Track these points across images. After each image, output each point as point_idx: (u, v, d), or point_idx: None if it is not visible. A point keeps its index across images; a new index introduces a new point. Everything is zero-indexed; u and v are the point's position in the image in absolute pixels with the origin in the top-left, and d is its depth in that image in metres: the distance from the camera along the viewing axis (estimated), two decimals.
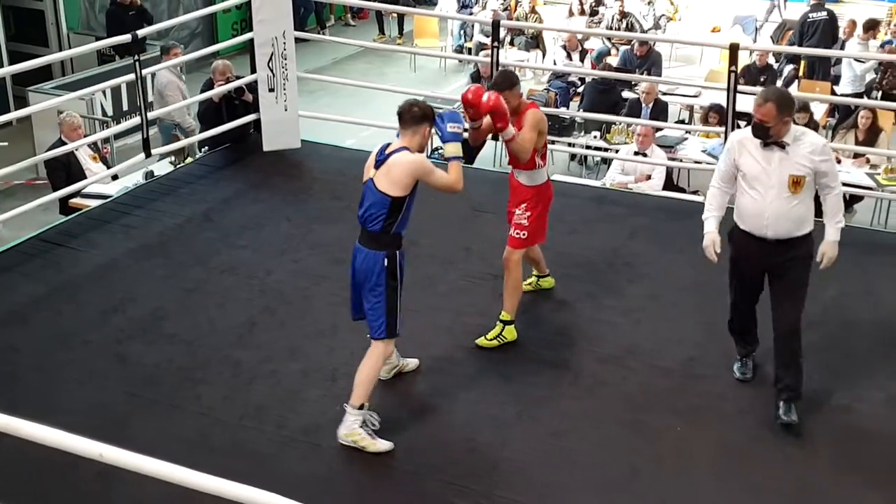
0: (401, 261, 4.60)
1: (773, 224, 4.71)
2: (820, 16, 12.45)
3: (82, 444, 2.47)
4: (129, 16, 11.83)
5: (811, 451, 4.68)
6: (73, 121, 7.88)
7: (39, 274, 6.17)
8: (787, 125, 4.62)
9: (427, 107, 4.66)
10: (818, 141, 4.73)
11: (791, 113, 4.65)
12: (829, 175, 4.72)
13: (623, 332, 5.65)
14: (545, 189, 5.52)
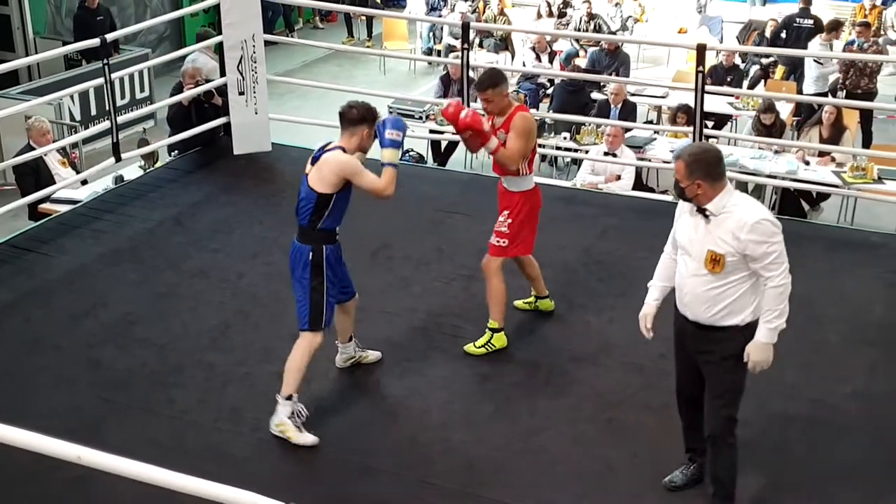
0: (329, 256, 4.69)
1: (690, 303, 4.08)
2: (806, 22, 12.55)
3: (60, 446, 2.46)
4: (96, 21, 11.76)
5: (783, 445, 4.74)
6: (42, 126, 7.83)
7: (10, 280, 6.12)
8: (710, 190, 3.87)
9: (366, 109, 4.71)
10: (749, 217, 3.85)
11: (709, 177, 3.86)
12: (761, 261, 3.88)
13: (595, 330, 5.70)
14: (531, 196, 5.34)
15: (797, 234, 7.06)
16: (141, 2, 14.32)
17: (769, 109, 9.48)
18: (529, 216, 5.36)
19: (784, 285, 3.93)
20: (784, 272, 3.91)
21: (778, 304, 3.95)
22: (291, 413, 4.67)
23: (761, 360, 4.04)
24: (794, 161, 9.02)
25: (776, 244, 3.90)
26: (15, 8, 12.53)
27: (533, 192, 5.36)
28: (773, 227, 3.89)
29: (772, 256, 3.89)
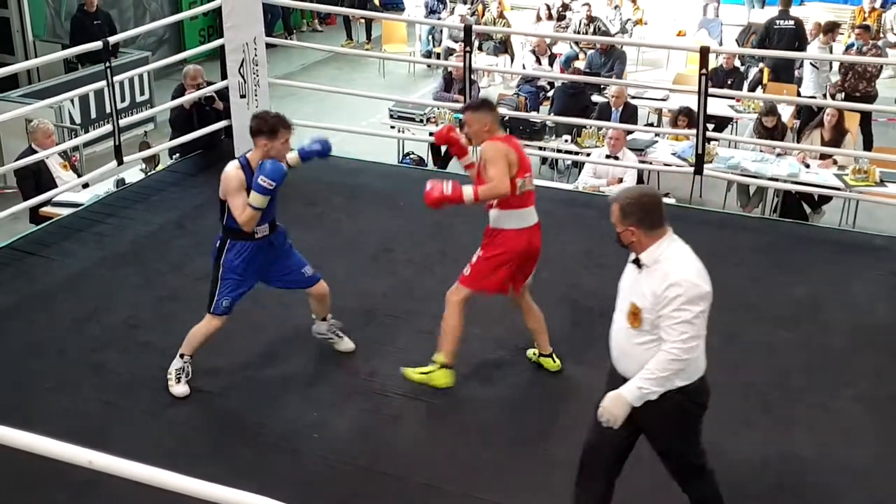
0: (232, 249, 4.93)
1: (617, 358, 3.82)
2: (787, 24, 12.56)
3: (71, 451, 2.45)
4: (93, 24, 11.74)
5: (788, 449, 4.72)
6: (46, 128, 7.81)
7: (11, 284, 6.11)
8: (644, 238, 3.61)
9: (264, 122, 4.80)
10: (674, 274, 3.50)
11: (643, 223, 3.58)
12: (666, 321, 3.51)
13: (600, 333, 5.64)
14: (515, 238, 4.88)
15: (801, 237, 7.14)
16: (140, 4, 14.31)
17: (771, 112, 9.47)
18: (502, 259, 4.89)
19: (677, 357, 3.51)
20: (684, 343, 3.50)
21: (661, 369, 3.55)
22: (181, 367, 5.05)
23: (611, 413, 3.65)
24: (795, 164, 9.02)
25: (689, 311, 3.49)
26: (14, 11, 12.51)
27: (509, 234, 4.88)
28: (695, 291, 3.50)
29: (677, 320, 3.50)
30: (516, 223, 4.87)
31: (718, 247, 6.77)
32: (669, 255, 3.59)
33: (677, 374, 3.56)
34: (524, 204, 4.89)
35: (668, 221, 3.62)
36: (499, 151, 4.77)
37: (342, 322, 5.49)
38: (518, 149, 4.89)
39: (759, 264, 6.57)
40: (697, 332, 3.53)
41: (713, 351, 5.37)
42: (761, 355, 5.48)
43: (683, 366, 3.54)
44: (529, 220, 4.93)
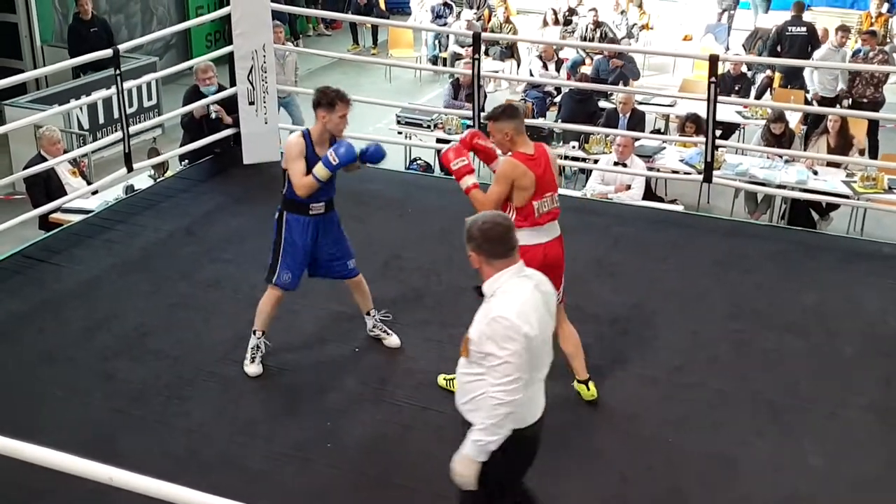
0: (290, 223, 5.13)
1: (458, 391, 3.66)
2: (799, 30, 12.57)
3: (92, 467, 2.46)
4: (90, 32, 11.71)
5: (800, 458, 4.72)
6: (53, 135, 7.82)
7: (22, 291, 6.13)
8: (486, 267, 3.47)
9: (324, 95, 4.96)
10: (496, 310, 3.34)
11: (484, 251, 3.43)
12: (487, 361, 3.35)
13: (609, 341, 5.69)
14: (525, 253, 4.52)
15: (810, 245, 7.13)
16: (147, 10, 14.34)
17: (779, 119, 9.47)
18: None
19: (501, 401, 3.32)
20: (503, 386, 3.31)
21: (489, 416, 3.37)
22: (255, 345, 5.26)
23: (461, 475, 3.49)
24: (804, 170, 9.02)
25: (505, 351, 3.30)
26: (22, 16, 12.54)
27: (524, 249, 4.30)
28: (511, 333, 3.31)
29: (496, 361, 3.32)
30: (528, 240, 4.66)
31: (727, 255, 6.80)
32: (506, 289, 3.43)
33: (507, 418, 3.37)
34: (539, 223, 4.75)
35: (515, 253, 3.48)
36: (508, 173, 4.65)
37: (353, 331, 5.51)
38: (540, 168, 4.68)
39: (768, 272, 6.58)
40: (519, 373, 3.33)
41: (722, 360, 5.48)
42: (770, 364, 5.48)
43: (511, 409, 3.36)
44: (545, 237, 4.79)
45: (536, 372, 3.48)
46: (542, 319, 3.44)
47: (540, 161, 4.72)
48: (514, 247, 3.47)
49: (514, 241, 3.48)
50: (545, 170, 4.73)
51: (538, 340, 3.40)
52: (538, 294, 3.47)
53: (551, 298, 3.60)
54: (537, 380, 3.52)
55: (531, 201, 4.68)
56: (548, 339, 3.52)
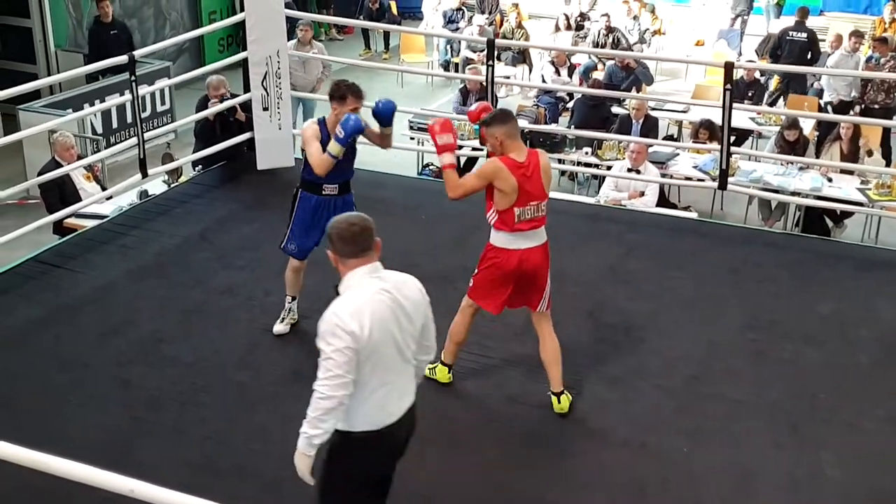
0: (303, 197, 5.53)
1: None
2: (800, 35, 12.60)
3: (113, 479, 2.45)
4: (110, 35, 11.77)
5: (817, 471, 4.69)
6: (67, 140, 7.84)
7: (38, 296, 6.13)
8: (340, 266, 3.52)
9: (337, 88, 5.30)
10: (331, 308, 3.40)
11: (337, 250, 3.49)
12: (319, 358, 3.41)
13: (625, 350, 5.67)
14: (498, 254, 4.87)
15: (825, 253, 7.11)
16: (160, 14, 14.37)
17: (793, 126, 9.44)
18: (494, 274, 4.91)
19: (323, 395, 3.37)
20: (326, 383, 3.36)
21: (312, 409, 3.42)
22: (287, 308, 5.77)
23: (298, 469, 3.58)
24: (818, 178, 8.99)
25: (330, 347, 3.36)
26: (37, 21, 12.57)
27: (500, 251, 4.86)
28: (336, 330, 3.35)
29: (323, 356, 3.37)
30: (505, 243, 4.84)
31: (742, 263, 6.77)
32: (347, 286, 3.49)
33: (330, 413, 3.40)
34: (519, 229, 4.79)
35: (368, 254, 3.49)
36: (488, 173, 4.73)
37: None
38: (526, 175, 4.72)
39: (784, 281, 6.55)
40: (342, 371, 3.35)
41: (739, 370, 5.45)
42: (788, 374, 5.45)
43: (333, 405, 3.38)
44: (523, 244, 4.83)
45: (384, 375, 3.48)
46: (383, 322, 3.43)
47: (528, 168, 4.75)
48: (367, 248, 3.50)
49: (368, 243, 3.50)
50: (532, 178, 4.75)
51: (374, 343, 3.39)
52: (385, 297, 3.47)
53: (412, 305, 3.56)
54: (386, 383, 3.51)
55: (513, 207, 4.74)
56: (396, 343, 3.49)
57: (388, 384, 3.51)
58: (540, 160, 4.83)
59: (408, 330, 3.53)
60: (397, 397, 3.58)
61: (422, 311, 3.62)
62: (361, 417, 3.50)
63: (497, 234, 4.87)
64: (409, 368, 3.62)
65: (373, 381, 3.45)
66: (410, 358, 3.60)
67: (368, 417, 3.51)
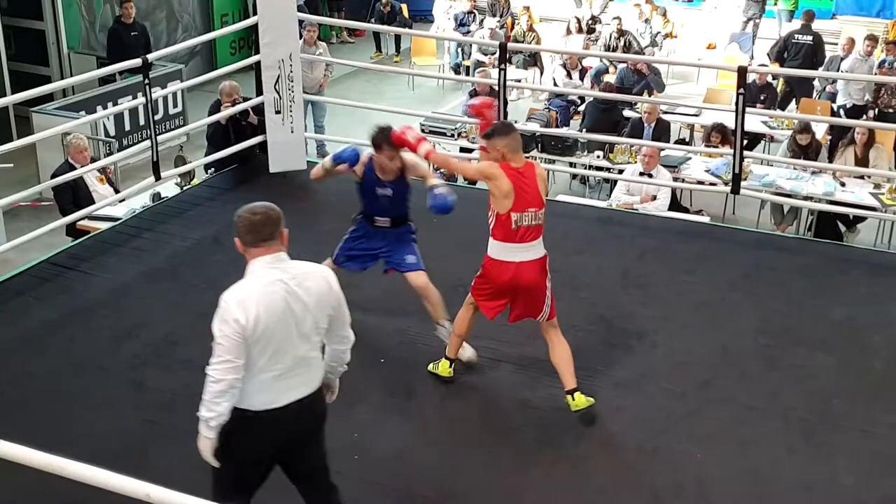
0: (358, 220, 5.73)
1: None
2: (805, 39, 12.62)
3: (129, 483, 2.46)
4: (130, 36, 11.85)
5: (831, 476, 4.68)
6: (80, 143, 7.87)
7: (52, 299, 6.15)
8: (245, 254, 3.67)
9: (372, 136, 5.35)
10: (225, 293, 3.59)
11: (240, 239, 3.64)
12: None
13: (638, 355, 5.66)
14: (489, 264, 4.93)
15: (838, 258, 7.09)
16: (173, 17, 14.41)
17: (805, 130, 9.42)
18: (488, 285, 4.97)
19: (212, 378, 3.52)
20: (217, 367, 3.52)
21: (205, 391, 3.56)
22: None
23: (200, 449, 3.69)
24: (831, 182, 8.97)
25: (219, 333, 3.51)
26: (50, 23, 12.62)
27: (494, 263, 4.89)
28: (226, 315, 3.50)
29: (214, 340, 3.53)
30: (500, 254, 4.86)
31: (755, 268, 6.75)
32: (249, 273, 3.62)
33: (222, 396, 3.53)
34: (515, 239, 4.80)
35: (271, 244, 3.60)
36: (485, 167, 4.85)
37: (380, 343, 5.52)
38: (523, 181, 4.76)
39: (796, 286, 6.53)
40: (230, 356, 3.49)
41: (752, 375, 5.44)
42: (800, 380, 5.44)
43: (224, 388, 3.51)
44: (519, 256, 4.83)
45: (274, 361, 3.56)
46: (273, 312, 3.51)
47: (525, 174, 4.81)
48: (267, 238, 3.58)
49: (269, 233, 3.59)
50: (529, 184, 4.80)
51: (262, 331, 3.49)
52: (279, 288, 3.55)
53: (314, 296, 3.62)
54: (276, 369, 3.58)
55: (510, 212, 4.76)
56: (289, 333, 3.57)
57: (278, 371, 3.59)
58: (536, 170, 4.90)
59: (306, 320, 3.60)
60: (289, 385, 3.65)
61: (328, 303, 3.68)
62: (248, 398, 3.60)
63: (493, 245, 4.89)
64: (312, 359, 3.70)
65: (262, 365, 3.55)
66: (311, 349, 3.67)
67: (255, 399, 3.60)
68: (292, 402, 3.65)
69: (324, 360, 3.83)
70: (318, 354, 3.74)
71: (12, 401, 5.16)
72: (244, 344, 3.48)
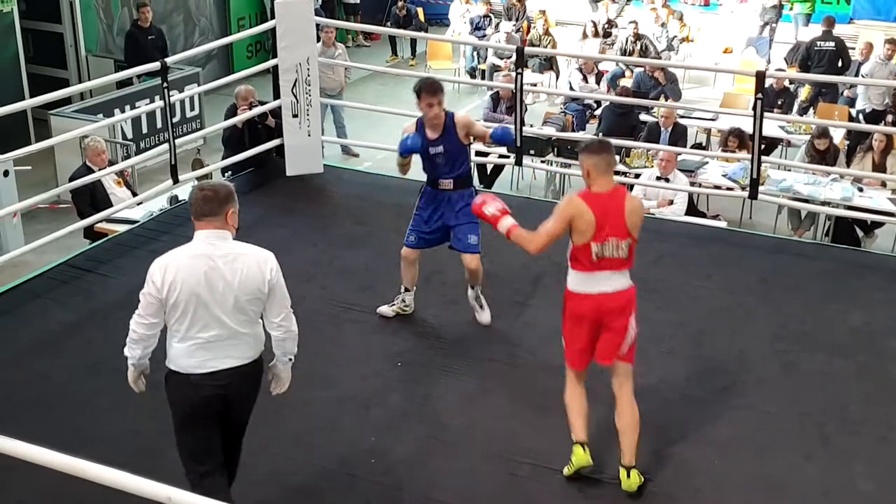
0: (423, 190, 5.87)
1: None
2: (828, 45, 12.57)
3: (150, 486, 2.47)
4: (147, 39, 11.91)
5: (849, 483, 4.66)
6: (98, 146, 7.90)
7: (70, 301, 6.18)
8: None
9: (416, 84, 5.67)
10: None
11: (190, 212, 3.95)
12: None
13: (654, 360, 5.64)
14: (570, 300, 4.53)
15: (856, 263, 7.06)
16: (190, 20, 14.47)
17: (823, 135, 9.38)
18: (568, 321, 4.56)
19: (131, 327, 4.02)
20: (134, 319, 3.98)
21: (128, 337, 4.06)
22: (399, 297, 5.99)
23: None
24: (849, 187, 8.93)
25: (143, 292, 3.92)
26: (68, 26, 12.69)
27: (572, 296, 4.50)
28: (148, 276, 3.90)
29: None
30: (580, 286, 4.47)
31: (772, 273, 6.73)
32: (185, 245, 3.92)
33: (136, 343, 4.02)
34: (597, 268, 4.42)
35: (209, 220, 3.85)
36: (563, 210, 4.42)
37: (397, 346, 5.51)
38: (604, 210, 4.36)
39: (814, 291, 6.51)
40: (144, 312, 3.92)
41: (769, 381, 5.42)
42: (818, 386, 5.42)
43: (136, 338, 3.99)
44: (600, 287, 4.44)
45: (192, 330, 3.87)
46: (189, 283, 3.80)
47: (610, 202, 4.42)
48: (206, 214, 3.87)
49: (208, 209, 3.86)
50: (613, 213, 4.40)
51: (177, 299, 3.81)
52: (201, 262, 3.83)
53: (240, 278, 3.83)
54: (195, 338, 3.88)
55: (590, 241, 4.38)
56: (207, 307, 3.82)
57: (197, 340, 3.88)
58: (627, 199, 4.49)
59: (227, 298, 3.83)
60: (215, 355, 3.90)
61: (255, 286, 3.87)
62: (177, 360, 3.96)
63: (571, 273, 4.51)
64: (243, 335, 3.93)
65: (181, 331, 3.89)
66: (241, 326, 3.90)
67: (177, 361, 3.96)
68: (219, 370, 3.91)
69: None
70: (253, 332, 3.97)
71: (30, 402, 5.19)
72: (158, 305, 3.85)
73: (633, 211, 4.48)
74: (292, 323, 4.07)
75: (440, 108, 5.60)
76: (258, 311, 3.95)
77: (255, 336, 3.99)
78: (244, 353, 3.97)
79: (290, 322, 4.06)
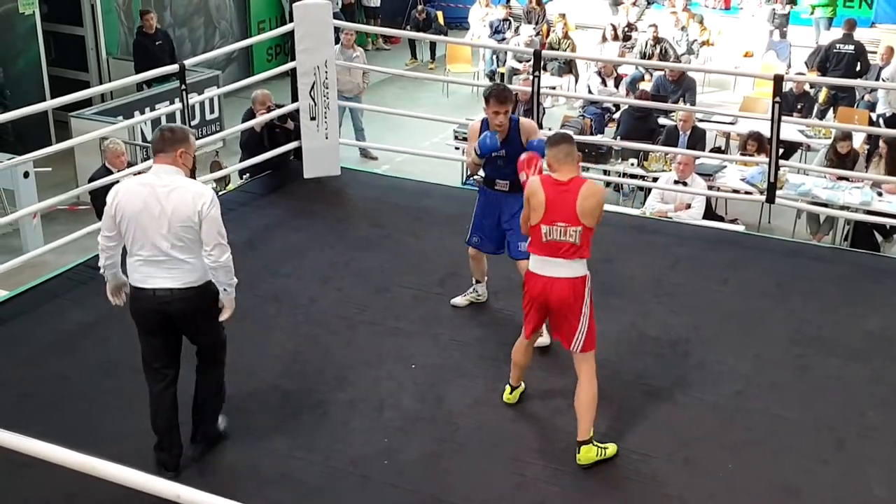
0: (481, 191, 5.98)
1: None
2: (847, 48, 12.52)
3: (160, 484, 2.49)
4: (154, 45, 11.98)
5: (864, 488, 4.63)
6: (117, 148, 7.97)
7: (88, 301, 6.21)
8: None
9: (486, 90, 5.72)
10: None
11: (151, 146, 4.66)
12: None
13: (669, 364, 5.63)
14: (526, 278, 4.85)
15: (874, 268, 7.01)
16: (210, 23, 14.57)
17: (846, 137, 9.33)
18: (524, 297, 4.87)
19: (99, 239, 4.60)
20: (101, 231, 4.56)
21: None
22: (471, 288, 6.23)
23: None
24: (868, 192, 8.87)
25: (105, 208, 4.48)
26: (89, 29, 12.82)
27: (528, 276, 4.80)
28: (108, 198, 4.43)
29: None
30: (533, 266, 4.76)
31: (789, 277, 6.70)
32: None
33: (102, 253, 4.60)
34: (546, 252, 4.65)
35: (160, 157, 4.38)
36: (526, 188, 4.81)
37: (410, 348, 5.52)
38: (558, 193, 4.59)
39: (831, 295, 6.47)
40: (103, 226, 4.50)
41: (785, 385, 5.39)
42: (833, 390, 5.39)
43: (100, 249, 4.59)
44: (547, 271, 4.66)
45: (135, 247, 4.40)
46: (130, 206, 4.34)
47: (565, 188, 4.62)
48: (159, 150, 4.40)
49: (160, 147, 4.40)
50: (566, 198, 4.59)
51: (121, 218, 4.36)
52: (143, 190, 4.35)
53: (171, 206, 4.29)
54: (137, 255, 4.41)
55: (539, 223, 4.64)
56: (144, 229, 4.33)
57: (139, 257, 4.41)
58: (583, 187, 4.62)
59: (162, 223, 4.31)
60: (154, 273, 4.41)
61: (185, 215, 4.32)
62: (129, 274, 4.52)
63: (530, 258, 4.80)
64: (181, 260, 4.38)
65: (130, 248, 4.43)
66: (178, 251, 4.36)
67: (131, 276, 4.50)
68: (158, 287, 4.41)
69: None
70: (192, 259, 4.41)
71: (47, 401, 5.24)
72: (111, 222, 4.41)
73: (586, 196, 4.62)
74: (222, 254, 4.45)
75: (506, 118, 5.55)
76: (194, 239, 4.37)
77: (194, 264, 4.42)
78: (182, 278, 4.41)
79: (220, 253, 4.44)
